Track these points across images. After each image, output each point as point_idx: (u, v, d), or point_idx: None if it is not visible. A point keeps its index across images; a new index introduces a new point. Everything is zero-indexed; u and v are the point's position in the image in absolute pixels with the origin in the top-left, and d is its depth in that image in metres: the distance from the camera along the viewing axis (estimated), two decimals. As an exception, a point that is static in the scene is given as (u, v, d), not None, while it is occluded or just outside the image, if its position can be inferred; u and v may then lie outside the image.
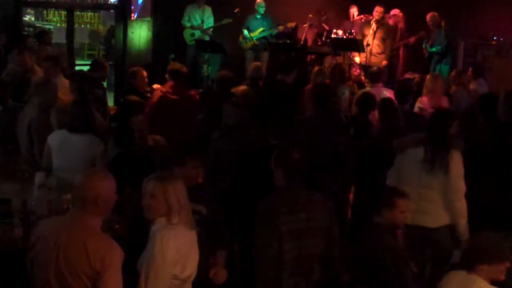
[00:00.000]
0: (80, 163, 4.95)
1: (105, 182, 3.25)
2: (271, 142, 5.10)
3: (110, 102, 8.51)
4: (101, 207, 3.21)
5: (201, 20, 11.39)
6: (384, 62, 10.31)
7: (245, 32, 11.38)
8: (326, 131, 5.52)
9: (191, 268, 3.54)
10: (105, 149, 5.17)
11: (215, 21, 11.49)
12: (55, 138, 5.23)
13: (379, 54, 10.49)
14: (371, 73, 7.76)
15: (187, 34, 11.48)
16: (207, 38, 11.41)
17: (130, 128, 5.00)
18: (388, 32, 10.57)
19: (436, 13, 10.42)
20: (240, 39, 11.52)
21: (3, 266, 3.73)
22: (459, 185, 4.65)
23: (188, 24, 11.43)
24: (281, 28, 11.39)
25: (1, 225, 4.23)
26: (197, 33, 11.40)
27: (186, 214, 3.52)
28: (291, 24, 11.50)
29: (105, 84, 9.53)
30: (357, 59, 10.75)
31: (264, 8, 11.33)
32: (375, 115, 6.51)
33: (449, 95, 7.64)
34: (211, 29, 11.45)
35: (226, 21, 11.26)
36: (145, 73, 7.25)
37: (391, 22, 10.97)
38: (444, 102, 7.21)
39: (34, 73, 7.36)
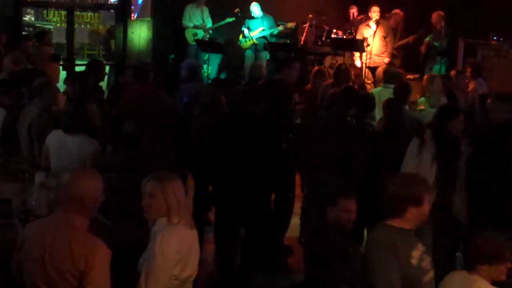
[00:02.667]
0: (73, 163, 4.95)
1: (92, 181, 3.24)
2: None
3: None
4: (87, 207, 3.20)
5: (202, 20, 11.41)
6: (387, 60, 10.31)
7: (245, 32, 11.38)
8: (339, 133, 5.48)
9: (191, 268, 3.53)
10: (99, 149, 5.16)
11: (213, 21, 11.48)
12: (52, 138, 5.24)
13: (381, 53, 10.48)
14: (388, 73, 7.73)
15: (189, 34, 11.48)
16: (207, 37, 11.42)
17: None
18: (388, 30, 10.57)
19: (441, 12, 10.41)
20: (240, 38, 11.52)
21: (3, 266, 3.72)
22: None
23: (191, 24, 11.44)
24: (280, 28, 11.39)
25: (1, 225, 4.23)
26: (200, 33, 11.40)
27: (186, 213, 3.51)
28: (291, 25, 11.50)
29: (105, 84, 9.57)
30: (357, 63, 10.75)
31: (258, 12, 11.31)
32: (374, 115, 6.53)
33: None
34: (211, 29, 11.46)
35: (229, 19, 11.27)
36: (131, 71, 7.37)
37: (392, 21, 10.96)
38: (443, 102, 7.23)
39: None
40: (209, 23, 11.47)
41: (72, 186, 3.18)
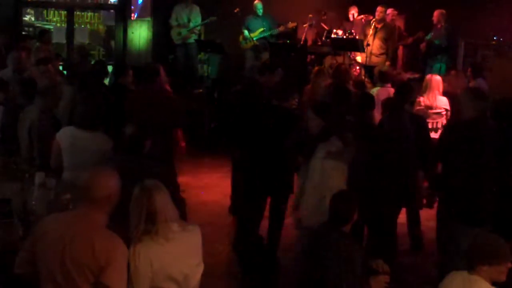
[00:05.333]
0: (91, 160, 4.97)
1: (115, 181, 3.32)
2: None
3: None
4: (111, 204, 3.28)
5: (187, 19, 11.38)
6: (387, 63, 10.32)
7: (245, 32, 11.38)
8: (340, 133, 5.45)
9: (179, 275, 3.50)
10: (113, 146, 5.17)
11: (202, 20, 11.46)
12: (65, 136, 5.21)
13: (380, 54, 10.49)
14: (380, 73, 7.76)
15: (174, 33, 11.48)
16: (194, 37, 11.40)
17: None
18: (389, 33, 10.57)
19: (443, 11, 10.42)
20: (240, 39, 11.52)
21: (3, 266, 3.73)
22: None
23: (175, 23, 11.43)
24: (281, 28, 11.39)
25: (1, 225, 4.23)
26: (184, 32, 11.38)
27: (165, 224, 3.46)
28: (292, 25, 11.50)
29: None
30: (358, 58, 10.75)
31: (261, 10, 11.34)
32: (373, 115, 6.52)
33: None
34: (198, 28, 11.44)
35: (210, 19, 11.26)
36: (132, 72, 7.40)
37: (387, 21, 10.97)
38: (442, 102, 7.26)
39: (31, 73, 7.35)
40: (197, 22, 11.43)
41: (99, 185, 3.25)
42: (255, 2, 11.34)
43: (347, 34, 11.25)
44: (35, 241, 3.29)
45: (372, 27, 10.51)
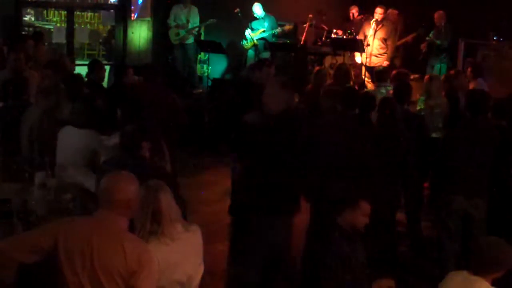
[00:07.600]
0: (80, 158, 4.96)
1: (135, 185, 3.27)
2: None
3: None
4: (131, 209, 3.25)
5: (186, 20, 11.37)
6: (386, 63, 10.32)
7: (247, 32, 11.38)
8: (345, 134, 5.42)
9: (183, 276, 3.51)
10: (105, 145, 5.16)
11: (201, 21, 11.46)
12: (61, 134, 5.26)
13: (380, 54, 10.49)
14: (377, 72, 7.76)
15: (172, 33, 11.46)
16: (192, 38, 11.39)
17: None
18: (389, 33, 10.57)
19: (443, 12, 10.43)
20: (242, 40, 11.52)
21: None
22: None
23: (173, 24, 11.42)
24: (278, 31, 11.41)
25: (1, 225, 4.23)
26: (182, 33, 11.37)
27: (170, 224, 3.47)
28: (288, 27, 11.51)
29: (105, 85, 9.57)
30: (358, 59, 10.76)
31: (260, 12, 11.34)
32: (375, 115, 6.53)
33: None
34: (196, 29, 11.43)
35: (210, 21, 11.25)
36: (132, 71, 7.48)
37: (388, 22, 10.97)
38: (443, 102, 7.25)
39: (29, 74, 7.35)
40: (196, 23, 11.39)
41: (118, 190, 3.20)
42: (253, 6, 11.36)
43: (347, 34, 11.26)
44: (53, 240, 3.13)
45: (372, 27, 10.52)
